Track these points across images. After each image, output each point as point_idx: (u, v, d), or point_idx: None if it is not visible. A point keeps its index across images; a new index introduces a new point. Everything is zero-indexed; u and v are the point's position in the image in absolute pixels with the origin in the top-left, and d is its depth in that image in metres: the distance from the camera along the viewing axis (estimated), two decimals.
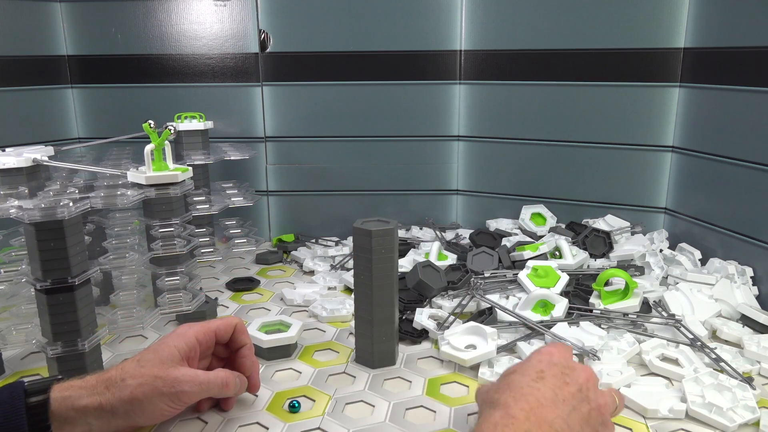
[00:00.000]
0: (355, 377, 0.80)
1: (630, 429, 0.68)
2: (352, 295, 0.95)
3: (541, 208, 1.31)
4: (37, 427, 0.52)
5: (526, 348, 0.82)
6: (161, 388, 0.55)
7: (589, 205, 1.30)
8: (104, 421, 0.54)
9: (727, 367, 0.77)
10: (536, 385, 0.51)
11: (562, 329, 0.86)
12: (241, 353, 0.68)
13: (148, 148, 0.84)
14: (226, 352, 0.69)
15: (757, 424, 0.68)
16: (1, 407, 0.52)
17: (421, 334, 0.90)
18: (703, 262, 1.09)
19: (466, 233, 1.30)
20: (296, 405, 0.71)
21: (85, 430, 0.54)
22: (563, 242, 1.12)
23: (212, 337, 0.65)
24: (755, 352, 0.81)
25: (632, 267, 1.05)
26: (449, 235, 1.31)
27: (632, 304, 0.92)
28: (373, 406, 0.73)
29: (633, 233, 1.21)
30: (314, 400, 0.74)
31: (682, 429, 0.68)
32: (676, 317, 0.89)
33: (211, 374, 0.60)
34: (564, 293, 0.96)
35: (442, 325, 0.90)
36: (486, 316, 0.92)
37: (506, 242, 1.20)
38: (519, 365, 0.57)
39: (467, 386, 0.77)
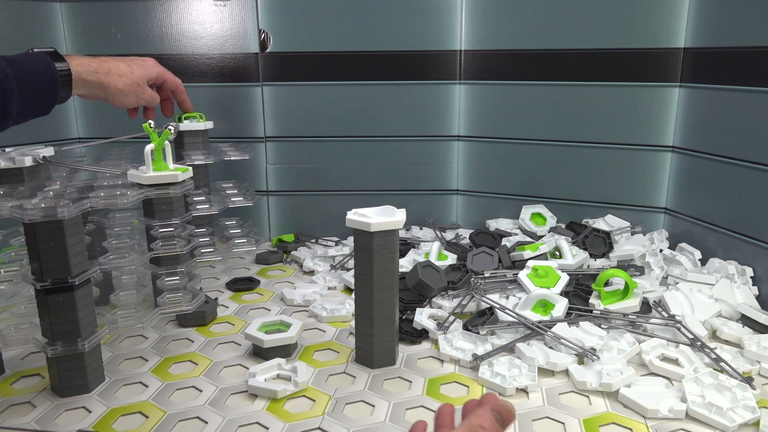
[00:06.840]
0: (355, 377, 0.80)
1: (630, 429, 0.68)
2: (352, 295, 0.95)
3: (541, 208, 1.31)
4: (64, 89, 0.75)
5: (526, 348, 0.82)
6: (137, 91, 0.86)
7: (589, 205, 1.30)
8: (98, 92, 0.81)
9: (727, 367, 0.77)
10: None
11: (562, 329, 0.86)
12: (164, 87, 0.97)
13: (148, 148, 0.84)
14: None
15: (757, 424, 0.68)
16: (41, 73, 0.71)
17: (421, 334, 0.90)
18: (703, 262, 1.09)
19: (466, 233, 1.30)
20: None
21: (83, 92, 0.79)
22: (563, 242, 1.12)
23: (159, 79, 0.94)
24: (755, 352, 0.81)
25: (632, 267, 1.05)
26: (449, 235, 1.31)
27: (632, 304, 0.92)
28: (373, 406, 0.73)
29: (633, 233, 1.21)
30: (314, 400, 0.74)
31: (682, 429, 0.68)
32: (676, 317, 0.89)
33: (154, 92, 0.92)
34: (564, 293, 0.96)
35: (442, 325, 0.90)
36: (486, 316, 0.92)
37: (506, 242, 1.20)
38: None
39: (467, 386, 0.77)
